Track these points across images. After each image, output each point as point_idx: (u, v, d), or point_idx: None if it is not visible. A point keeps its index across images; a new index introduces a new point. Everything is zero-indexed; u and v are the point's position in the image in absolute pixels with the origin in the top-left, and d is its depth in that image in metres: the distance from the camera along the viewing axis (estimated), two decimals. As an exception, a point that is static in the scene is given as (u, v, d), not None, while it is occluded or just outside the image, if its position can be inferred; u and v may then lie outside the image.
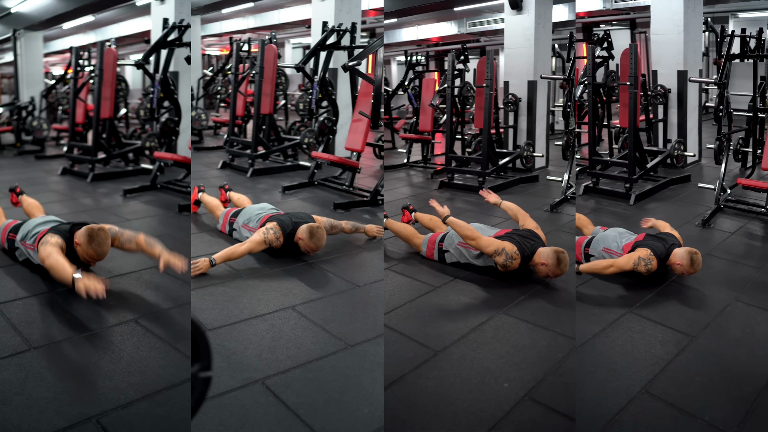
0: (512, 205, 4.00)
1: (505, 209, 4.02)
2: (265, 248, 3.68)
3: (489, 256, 3.40)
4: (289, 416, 2.07)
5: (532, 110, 7.25)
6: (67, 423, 1.99)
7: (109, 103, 6.60)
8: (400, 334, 2.74)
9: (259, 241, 3.64)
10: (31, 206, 4.10)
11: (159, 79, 6.53)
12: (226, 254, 3.48)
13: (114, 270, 3.39)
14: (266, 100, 7.07)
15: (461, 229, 3.43)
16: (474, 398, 2.22)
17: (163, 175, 6.19)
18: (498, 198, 4.05)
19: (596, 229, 3.94)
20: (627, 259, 3.33)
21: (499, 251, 3.34)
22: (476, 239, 3.38)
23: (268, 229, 3.71)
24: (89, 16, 11.17)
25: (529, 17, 7.06)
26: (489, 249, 3.36)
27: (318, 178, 6.26)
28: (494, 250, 3.34)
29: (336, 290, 3.28)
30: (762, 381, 2.33)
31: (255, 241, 3.63)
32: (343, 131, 7.03)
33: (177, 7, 7.45)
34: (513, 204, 4.01)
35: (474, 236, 3.38)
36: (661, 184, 5.88)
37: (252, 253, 3.66)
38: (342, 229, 4.12)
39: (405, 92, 8.80)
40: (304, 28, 13.17)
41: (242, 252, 3.55)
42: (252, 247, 3.61)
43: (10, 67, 11.79)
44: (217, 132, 10.58)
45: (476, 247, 3.40)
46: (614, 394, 2.26)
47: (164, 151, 6.64)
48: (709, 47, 8.76)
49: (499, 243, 3.36)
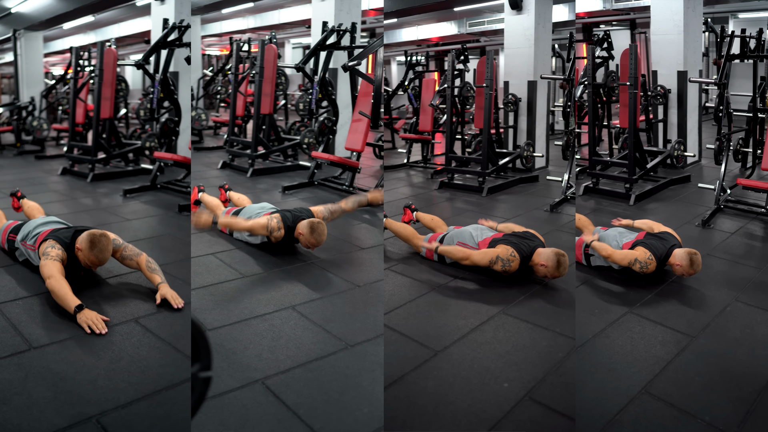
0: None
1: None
2: (266, 234, 3.76)
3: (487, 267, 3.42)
4: (289, 416, 2.07)
5: (532, 110, 7.25)
6: (67, 423, 1.99)
7: (109, 103, 6.60)
8: (400, 334, 2.74)
9: (263, 225, 3.74)
10: (31, 208, 4.10)
11: (159, 79, 6.53)
12: (229, 221, 3.70)
13: (114, 270, 3.39)
14: (266, 100, 7.07)
15: (453, 255, 3.50)
16: (474, 398, 2.22)
17: (163, 175, 6.19)
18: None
19: (597, 230, 3.94)
20: (483, 254, 3.38)
21: (494, 260, 3.35)
22: (469, 257, 3.43)
23: (272, 216, 3.82)
24: (89, 16, 11.16)
25: (529, 17, 7.06)
26: (484, 262, 3.39)
27: (318, 178, 6.26)
28: (489, 261, 3.37)
29: (336, 290, 3.28)
30: (762, 381, 2.33)
31: (258, 223, 3.75)
32: (343, 131, 7.03)
33: (177, 7, 7.44)
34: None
35: (466, 256, 3.44)
36: (661, 184, 5.88)
37: (252, 232, 3.78)
38: (342, 209, 4.17)
39: (405, 92, 8.80)
40: (304, 28, 13.17)
41: (244, 227, 3.72)
42: (254, 226, 3.73)
43: (10, 67, 11.79)
44: (217, 132, 10.58)
45: (471, 264, 3.45)
46: (614, 394, 2.26)
47: (164, 151, 6.64)
48: (709, 47, 8.77)
49: (492, 252, 3.38)
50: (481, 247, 3.51)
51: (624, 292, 3.28)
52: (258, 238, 3.92)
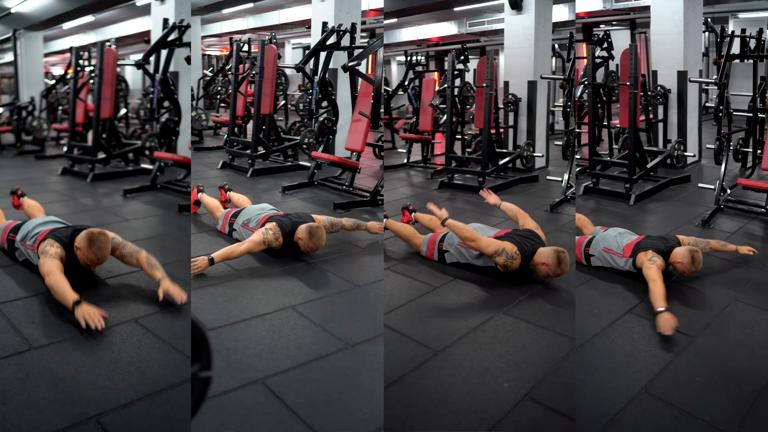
0: (512, 205, 4.01)
1: (505, 210, 4.03)
2: (265, 248, 3.68)
3: (489, 257, 3.40)
4: (289, 416, 2.07)
5: (532, 110, 7.25)
6: (67, 423, 1.99)
7: (109, 103, 6.60)
8: (400, 334, 2.74)
9: (258, 242, 3.63)
10: (31, 207, 4.10)
11: (159, 79, 6.53)
12: (224, 253, 3.47)
13: (114, 270, 3.39)
14: (266, 100, 7.07)
15: (460, 231, 3.42)
16: (474, 398, 2.22)
17: (163, 175, 6.19)
18: (498, 199, 4.06)
19: (596, 229, 3.94)
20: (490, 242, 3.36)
21: (499, 251, 3.34)
22: (476, 240, 3.38)
23: (267, 229, 3.71)
24: (89, 16, 11.17)
25: (529, 17, 7.06)
26: (489, 250, 3.36)
27: (318, 178, 6.26)
28: (494, 251, 3.34)
29: (336, 290, 3.28)
30: (762, 381, 2.33)
31: (254, 242, 3.63)
32: (343, 131, 7.03)
33: (177, 7, 7.44)
34: (513, 204, 4.01)
35: (474, 237, 3.38)
36: (661, 184, 5.88)
37: (251, 252, 3.66)
38: (343, 226, 4.13)
39: (405, 92, 8.80)
40: (304, 29, 13.18)
41: (241, 252, 3.54)
42: (251, 247, 3.60)
43: (10, 67, 11.79)
44: (217, 132, 10.57)
45: (476, 248, 3.40)
46: (614, 394, 2.26)
47: (164, 151, 6.63)
48: (709, 47, 8.77)
49: (499, 243, 3.37)
50: None
51: (624, 292, 3.28)
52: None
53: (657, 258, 3.27)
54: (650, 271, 3.19)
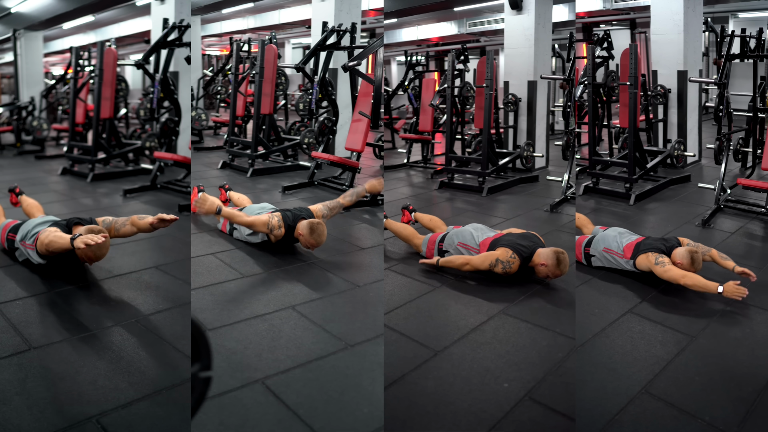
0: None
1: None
2: (266, 231, 3.79)
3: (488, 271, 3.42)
4: (289, 416, 2.07)
5: (532, 110, 7.25)
6: (67, 423, 1.99)
7: (109, 103, 6.60)
8: (400, 334, 2.74)
9: (263, 221, 3.78)
10: (30, 206, 4.10)
11: (159, 79, 6.53)
12: (232, 213, 3.73)
13: (114, 270, 3.39)
14: (266, 100, 7.06)
15: (453, 264, 3.48)
16: (474, 398, 2.22)
17: (163, 175, 6.19)
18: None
19: (596, 229, 3.94)
20: (483, 258, 3.38)
21: (494, 263, 3.35)
22: (469, 263, 3.43)
23: (273, 215, 3.85)
24: (89, 16, 11.16)
25: (529, 17, 7.06)
26: (484, 266, 3.39)
27: (318, 178, 6.26)
28: (489, 264, 3.37)
29: (336, 290, 3.28)
30: (762, 381, 2.33)
31: (259, 219, 3.79)
32: (343, 131, 7.03)
33: (177, 7, 7.44)
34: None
35: (466, 262, 3.44)
36: (661, 184, 5.88)
37: (252, 228, 3.79)
38: (340, 205, 4.23)
39: (405, 92, 8.80)
40: (304, 29, 13.17)
41: (245, 221, 3.75)
42: (255, 222, 3.77)
43: (10, 67, 11.78)
44: (217, 132, 10.57)
45: (473, 269, 3.43)
46: (614, 394, 2.26)
47: (164, 151, 6.63)
48: (709, 47, 8.76)
49: (491, 255, 3.38)
50: (482, 248, 3.51)
51: (624, 292, 3.28)
52: (258, 236, 3.92)
53: (662, 257, 3.27)
54: (670, 273, 3.18)
